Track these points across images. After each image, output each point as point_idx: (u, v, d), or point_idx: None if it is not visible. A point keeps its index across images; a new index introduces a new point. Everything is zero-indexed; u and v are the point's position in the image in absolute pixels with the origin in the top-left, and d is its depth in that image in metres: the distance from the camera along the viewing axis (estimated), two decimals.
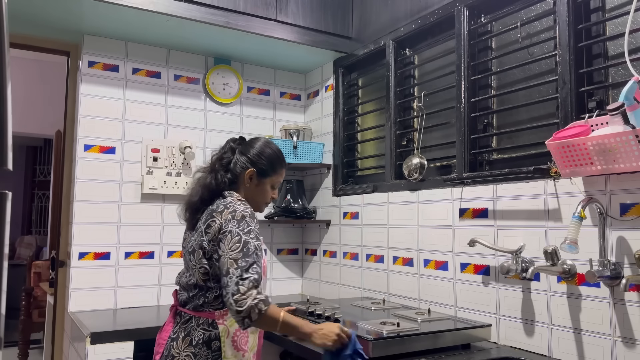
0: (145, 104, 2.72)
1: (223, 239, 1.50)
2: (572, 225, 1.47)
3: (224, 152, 1.71)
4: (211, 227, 1.54)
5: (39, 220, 7.44)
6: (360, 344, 1.53)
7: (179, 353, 1.55)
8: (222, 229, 1.51)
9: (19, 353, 4.46)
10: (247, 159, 1.67)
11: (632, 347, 1.50)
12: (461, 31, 2.14)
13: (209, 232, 1.54)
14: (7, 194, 0.81)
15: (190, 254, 1.60)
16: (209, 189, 1.63)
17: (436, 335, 1.76)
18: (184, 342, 1.55)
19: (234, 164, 1.68)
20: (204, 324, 1.56)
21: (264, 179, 1.69)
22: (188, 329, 1.57)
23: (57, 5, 2.29)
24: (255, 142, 1.72)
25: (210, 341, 1.54)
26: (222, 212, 1.54)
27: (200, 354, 1.53)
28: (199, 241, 1.56)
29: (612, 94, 1.67)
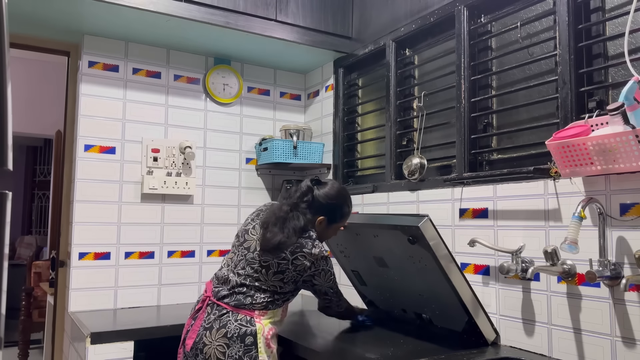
0: (145, 104, 2.73)
1: (317, 275, 1.80)
2: (572, 225, 1.47)
3: (305, 194, 1.88)
4: (300, 260, 1.76)
5: (39, 220, 7.44)
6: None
7: (211, 342, 1.70)
8: (314, 266, 1.78)
9: (19, 353, 4.46)
10: (320, 205, 1.87)
11: (632, 347, 1.50)
12: (461, 31, 2.14)
13: (297, 263, 1.76)
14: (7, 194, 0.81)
15: (264, 268, 1.78)
16: (300, 231, 1.80)
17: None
18: (218, 332, 1.71)
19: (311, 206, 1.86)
20: (242, 320, 1.72)
21: (331, 225, 1.91)
22: (224, 322, 1.72)
23: (57, 5, 2.29)
24: (329, 189, 1.90)
25: (245, 336, 1.70)
26: (311, 250, 1.77)
27: (233, 346, 1.69)
28: (282, 267, 1.76)
29: (612, 94, 1.68)
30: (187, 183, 2.75)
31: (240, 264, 1.82)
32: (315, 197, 1.86)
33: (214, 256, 2.85)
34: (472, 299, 1.79)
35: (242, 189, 2.98)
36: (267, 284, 1.77)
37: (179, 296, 2.73)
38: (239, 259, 1.83)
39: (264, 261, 1.78)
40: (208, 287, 1.86)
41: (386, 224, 1.87)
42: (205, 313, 1.78)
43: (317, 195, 1.87)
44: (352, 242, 2.16)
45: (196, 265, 2.80)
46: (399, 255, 1.93)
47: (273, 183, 3.09)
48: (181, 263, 2.75)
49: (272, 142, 2.84)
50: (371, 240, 2.02)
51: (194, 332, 1.76)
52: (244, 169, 2.99)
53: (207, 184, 2.86)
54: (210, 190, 2.87)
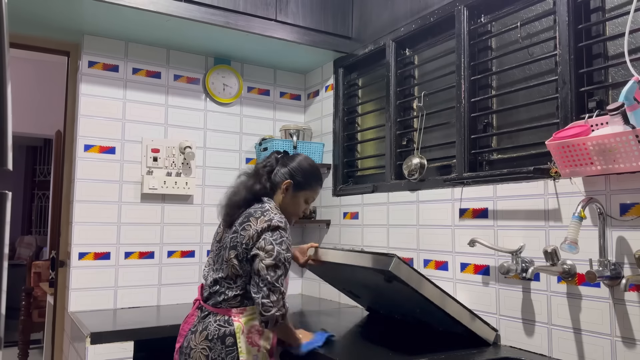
0: (145, 104, 2.72)
1: (260, 248, 1.61)
2: (572, 225, 1.47)
3: (268, 161, 1.82)
4: (246, 230, 1.64)
5: (39, 220, 7.44)
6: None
7: (195, 346, 1.65)
8: (259, 235, 1.62)
9: (19, 353, 4.46)
10: (287, 171, 1.79)
11: (632, 347, 1.50)
12: (461, 31, 2.14)
13: (244, 234, 1.64)
14: (7, 194, 0.81)
15: (224, 249, 1.70)
16: (252, 191, 1.73)
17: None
18: (200, 335, 1.66)
19: (275, 174, 1.79)
20: (220, 321, 1.66)
21: (299, 192, 1.80)
22: (205, 324, 1.67)
23: (57, 5, 2.29)
24: (296, 157, 1.84)
25: (225, 337, 1.63)
26: (259, 218, 1.65)
27: (215, 349, 1.63)
28: (233, 241, 1.67)
29: (612, 94, 1.67)
30: (187, 183, 2.75)
31: (217, 260, 1.75)
32: (279, 162, 1.80)
33: None
34: (461, 312, 1.77)
35: None
36: (228, 268, 1.66)
37: (179, 296, 2.73)
38: (214, 253, 1.78)
39: (223, 242, 1.72)
40: (198, 292, 1.83)
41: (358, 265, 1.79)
42: (195, 316, 1.74)
43: (284, 162, 1.80)
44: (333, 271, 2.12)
45: (196, 265, 2.79)
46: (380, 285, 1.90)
47: None
48: (181, 263, 2.75)
49: (272, 142, 2.84)
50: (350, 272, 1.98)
51: (181, 337, 1.75)
52: (244, 169, 2.99)
53: (207, 184, 2.86)
54: (210, 190, 2.87)
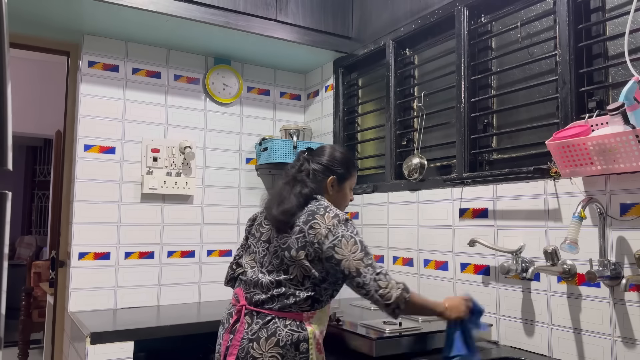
0: (145, 104, 2.72)
1: (338, 243, 1.53)
2: (572, 225, 1.47)
3: (300, 163, 1.74)
4: (315, 229, 1.56)
5: (39, 220, 7.44)
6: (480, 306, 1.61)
7: (262, 354, 1.52)
8: (332, 233, 1.54)
9: (19, 353, 4.46)
10: (324, 167, 1.72)
11: (632, 347, 1.50)
12: (461, 31, 2.14)
13: (312, 233, 1.55)
14: (7, 194, 0.81)
15: (284, 250, 1.59)
16: (303, 196, 1.65)
17: (437, 334, 1.76)
18: (267, 342, 1.53)
19: (313, 174, 1.71)
20: (292, 325, 1.55)
21: (343, 183, 1.75)
22: (272, 330, 1.54)
23: (57, 5, 2.28)
24: (324, 150, 1.77)
25: (299, 342, 1.54)
26: (324, 215, 1.58)
27: (288, 355, 1.52)
28: (301, 241, 1.57)
29: (612, 94, 1.68)
30: (187, 183, 2.75)
31: (265, 259, 1.64)
32: (313, 162, 1.73)
33: (213, 256, 2.85)
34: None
35: (242, 189, 2.97)
36: (297, 269, 1.56)
37: (179, 296, 2.73)
38: (263, 254, 1.66)
39: (284, 243, 1.59)
40: (240, 295, 1.67)
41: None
42: (245, 324, 1.58)
43: (316, 160, 1.73)
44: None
45: (196, 265, 2.79)
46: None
47: (273, 183, 3.08)
48: (181, 263, 2.75)
49: (272, 142, 2.84)
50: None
51: (234, 348, 1.57)
52: (243, 169, 2.99)
53: (207, 184, 2.86)
54: (210, 190, 2.87)
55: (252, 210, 2.98)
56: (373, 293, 1.49)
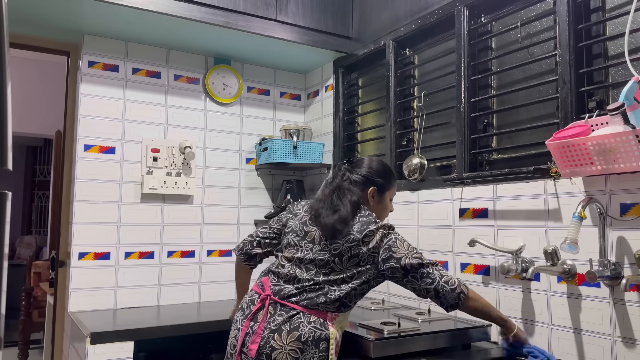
0: (145, 104, 2.72)
1: (394, 245, 1.61)
2: (572, 225, 1.47)
3: (342, 174, 1.79)
4: (369, 236, 1.61)
5: (39, 220, 7.44)
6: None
7: (282, 346, 1.54)
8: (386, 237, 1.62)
9: (19, 353, 4.46)
10: (364, 179, 1.77)
11: (632, 347, 1.50)
12: (461, 31, 2.14)
13: (367, 240, 1.61)
14: (7, 194, 0.81)
15: (337, 256, 1.62)
16: (353, 204, 1.69)
17: (437, 335, 1.76)
18: (289, 336, 1.55)
19: (355, 185, 1.76)
20: (316, 323, 1.57)
21: (383, 194, 1.80)
22: (295, 324, 1.57)
23: (57, 5, 2.28)
24: (363, 162, 1.82)
25: (320, 341, 1.56)
26: (377, 222, 1.65)
27: (308, 352, 1.54)
28: (353, 248, 1.62)
29: (612, 94, 1.68)
30: (187, 183, 2.75)
31: (307, 257, 1.66)
32: (354, 173, 1.77)
33: (213, 256, 2.85)
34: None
35: (242, 189, 2.98)
36: (342, 273, 1.61)
37: (179, 296, 2.73)
38: (305, 253, 1.67)
39: (335, 248, 1.63)
40: (266, 285, 1.69)
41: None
42: (268, 314, 1.61)
43: (356, 171, 1.78)
44: None
45: (196, 265, 2.79)
46: None
47: (273, 183, 3.08)
48: (181, 263, 2.75)
49: (272, 142, 2.84)
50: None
51: (257, 336, 1.59)
52: (243, 169, 2.99)
53: (207, 184, 2.86)
54: (210, 190, 2.87)
55: (252, 210, 2.99)
56: (438, 280, 1.58)
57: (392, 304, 2.30)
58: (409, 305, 2.29)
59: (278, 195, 3.04)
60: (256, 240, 1.84)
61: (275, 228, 1.85)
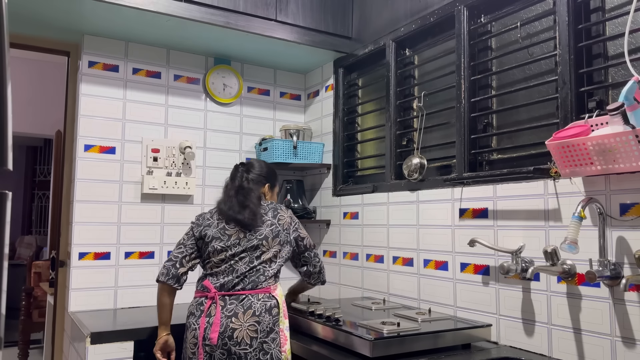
0: (145, 104, 2.73)
1: (299, 227, 2.11)
2: (572, 225, 1.47)
3: (241, 175, 2.10)
4: (282, 220, 2.05)
5: (39, 220, 7.44)
6: None
7: (241, 324, 1.84)
8: (293, 220, 2.11)
9: (19, 353, 4.46)
10: (258, 178, 2.13)
11: (632, 347, 1.50)
12: (461, 31, 2.14)
13: (282, 223, 2.05)
14: (7, 194, 0.81)
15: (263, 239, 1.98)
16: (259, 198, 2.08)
17: (436, 335, 1.76)
18: (245, 314, 1.85)
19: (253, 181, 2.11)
20: (264, 298, 1.90)
21: (274, 188, 2.23)
22: (247, 304, 1.87)
23: (57, 5, 2.29)
24: (253, 163, 2.18)
25: (271, 309, 1.90)
26: (283, 209, 2.11)
27: (263, 321, 1.86)
28: (274, 231, 2.01)
29: (612, 94, 1.68)
30: (187, 183, 2.75)
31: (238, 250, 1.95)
32: (251, 173, 2.11)
33: None
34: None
35: None
36: (270, 251, 1.97)
37: (178, 296, 2.70)
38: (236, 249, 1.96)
39: (260, 234, 1.98)
40: (209, 286, 1.94)
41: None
42: (220, 306, 1.87)
43: (252, 172, 2.12)
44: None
45: None
46: None
47: None
48: None
49: (272, 142, 2.84)
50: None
51: (216, 325, 1.84)
52: None
53: (207, 184, 2.86)
54: (210, 190, 2.87)
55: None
56: (319, 266, 2.16)
57: (392, 304, 2.31)
58: (409, 305, 2.29)
59: (278, 196, 3.03)
60: (178, 261, 1.99)
61: (190, 244, 2.03)
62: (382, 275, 2.50)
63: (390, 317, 1.97)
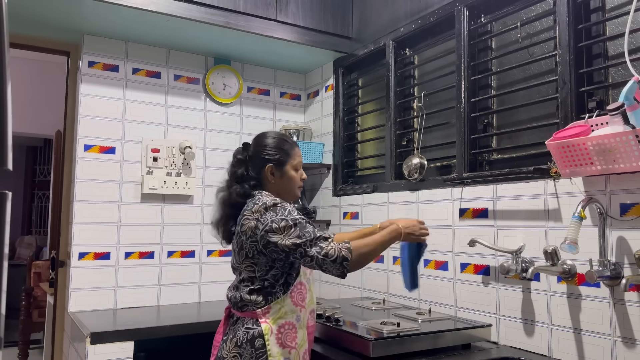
0: (145, 104, 2.72)
1: (269, 229, 1.52)
2: (572, 225, 1.47)
3: (233, 166, 1.72)
4: (244, 225, 1.56)
5: (39, 220, 7.44)
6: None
7: (227, 354, 1.55)
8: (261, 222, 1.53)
9: (19, 353, 4.46)
10: (257, 157, 1.68)
11: (632, 347, 1.50)
12: (461, 31, 2.13)
13: (244, 230, 1.56)
14: (7, 194, 0.81)
15: (233, 256, 1.66)
16: (230, 203, 1.65)
17: (436, 335, 1.76)
18: (231, 343, 1.56)
19: (252, 169, 1.68)
20: (248, 323, 1.55)
21: (283, 167, 1.69)
22: (235, 330, 1.58)
23: (57, 5, 2.28)
24: (256, 140, 1.74)
25: (254, 339, 1.53)
26: (252, 208, 1.57)
27: (245, 354, 1.52)
28: (239, 243, 1.60)
29: (612, 94, 1.68)
30: (187, 183, 2.75)
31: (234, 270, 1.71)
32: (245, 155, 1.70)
33: (213, 256, 2.85)
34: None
35: None
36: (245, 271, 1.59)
37: (179, 296, 2.73)
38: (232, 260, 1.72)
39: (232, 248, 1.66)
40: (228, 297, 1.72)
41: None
42: (226, 325, 1.67)
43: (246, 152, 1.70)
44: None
45: (196, 265, 2.79)
46: None
47: None
48: (181, 263, 2.75)
49: None
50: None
51: (214, 348, 1.67)
52: None
53: (207, 184, 2.86)
54: (210, 190, 2.86)
55: None
56: (317, 255, 1.48)
57: (392, 304, 2.30)
58: (409, 305, 2.29)
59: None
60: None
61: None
62: (382, 275, 2.50)
63: (390, 317, 1.97)
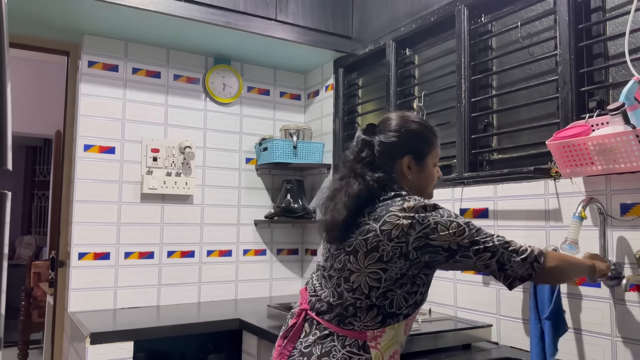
0: (145, 104, 2.72)
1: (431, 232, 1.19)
2: (573, 225, 1.47)
3: (358, 148, 1.36)
4: (391, 224, 1.21)
5: (39, 220, 7.44)
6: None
7: None
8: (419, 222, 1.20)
9: (19, 353, 4.46)
10: (393, 145, 1.33)
11: (632, 347, 1.50)
12: (461, 31, 2.13)
13: (388, 229, 1.21)
14: (7, 194, 0.81)
15: (351, 254, 1.26)
16: (359, 197, 1.28)
17: (437, 335, 1.76)
18: None
19: (380, 157, 1.33)
20: (353, 346, 1.22)
21: (423, 159, 1.37)
22: (327, 348, 1.23)
23: (57, 5, 2.28)
24: (387, 122, 1.36)
25: None
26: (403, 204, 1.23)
27: None
28: (370, 243, 1.22)
29: (613, 94, 1.67)
30: (186, 183, 2.75)
31: (327, 262, 1.35)
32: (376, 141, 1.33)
33: (213, 256, 2.85)
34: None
35: (242, 189, 2.97)
36: (362, 278, 1.23)
37: (178, 296, 2.72)
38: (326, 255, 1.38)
39: (349, 245, 1.27)
40: (303, 297, 1.38)
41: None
42: (303, 332, 1.30)
43: (380, 138, 1.34)
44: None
45: (196, 265, 2.79)
46: None
47: (273, 183, 3.08)
48: (181, 263, 2.75)
49: (272, 142, 2.84)
50: None
51: (283, 356, 1.30)
52: (243, 168, 2.99)
53: (206, 184, 2.86)
54: (210, 190, 2.87)
55: (252, 210, 2.99)
56: (501, 249, 1.22)
57: None
58: None
59: (278, 195, 3.04)
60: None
61: None
62: None
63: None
